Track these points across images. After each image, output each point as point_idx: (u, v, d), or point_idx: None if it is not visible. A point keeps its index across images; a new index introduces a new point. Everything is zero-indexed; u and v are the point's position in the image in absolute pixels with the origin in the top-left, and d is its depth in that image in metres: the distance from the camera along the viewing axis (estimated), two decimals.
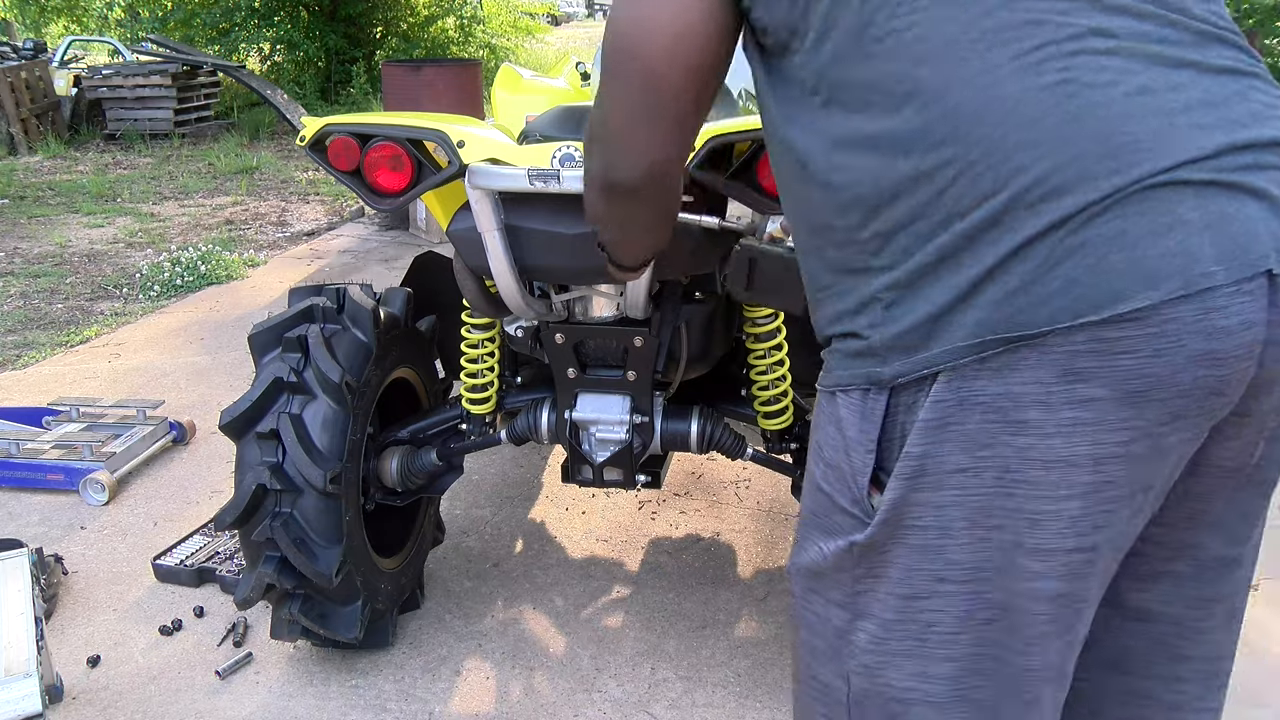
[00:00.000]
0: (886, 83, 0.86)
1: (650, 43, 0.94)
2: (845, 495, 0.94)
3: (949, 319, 0.84)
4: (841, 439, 0.93)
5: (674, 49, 0.94)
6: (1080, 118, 0.80)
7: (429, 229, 6.03)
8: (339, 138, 1.82)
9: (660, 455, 2.24)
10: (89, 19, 14.92)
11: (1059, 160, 0.80)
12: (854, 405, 0.91)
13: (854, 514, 0.93)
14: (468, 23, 13.96)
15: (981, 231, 0.82)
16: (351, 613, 2.07)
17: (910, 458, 0.87)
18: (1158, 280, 0.78)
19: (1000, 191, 0.81)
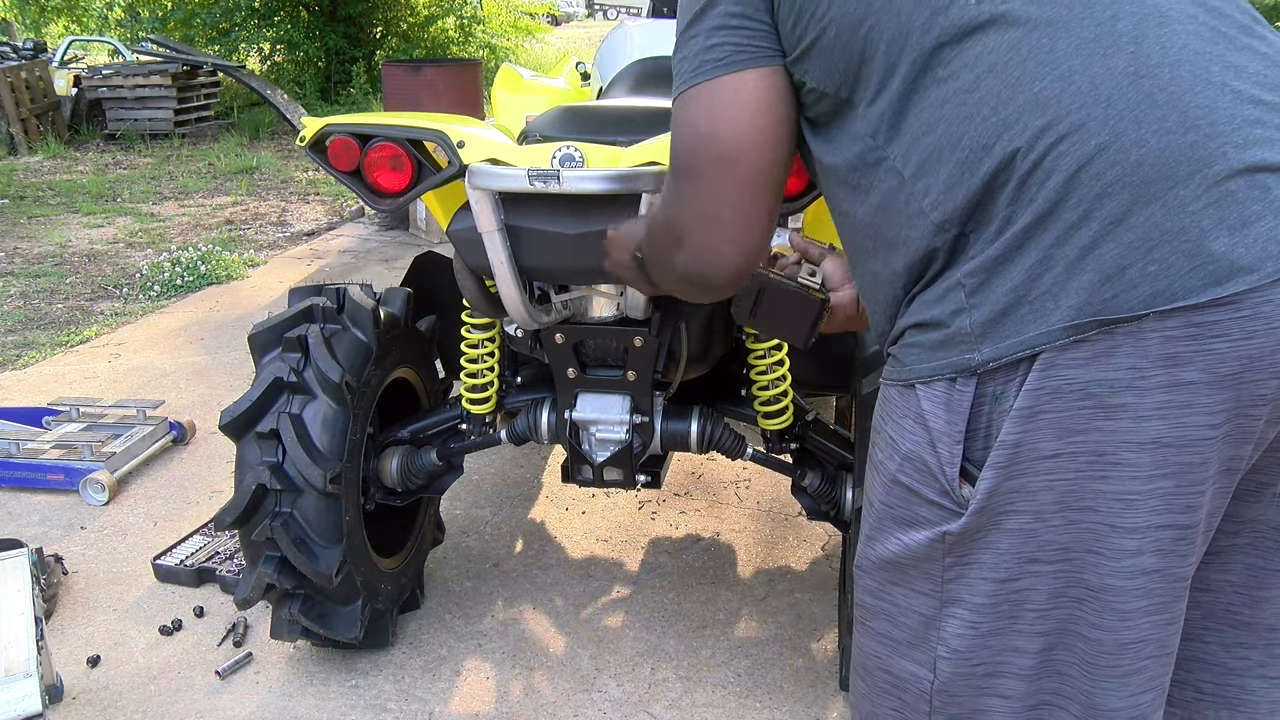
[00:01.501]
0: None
1: (730, 132, 0.97)
2: (931, 487, 0.94)
3: (1042, 302, 0.85)
4: (925, 432, 0.93)
5: (754, 133, 0.97)
6: (1165, 103, 0.83)
7: (429, 229, 6.03)
8: (339, 138, 1.82)
9: (660, 455, 2.24)
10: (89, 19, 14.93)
11: (1154, 145, 0.82)
12: (938, 397, 0.92)
13: (943, 505, 0.94)
14: (468, 23, 13.97)
15: (1075, 214, 0.83)
16: (351, 613, 2.07)
17: (1004, 446, 0.88)
18: (1255, 264, 0.80)
19: (1093, 175, 0.83)
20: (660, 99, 2.29)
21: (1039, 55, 0.86)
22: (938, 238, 0.91)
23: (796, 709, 2.07)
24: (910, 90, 0.91)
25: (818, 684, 2.14)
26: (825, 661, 2.21)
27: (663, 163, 1.67)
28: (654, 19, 3.13)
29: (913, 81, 0.91)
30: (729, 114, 0.97)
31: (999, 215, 0.87)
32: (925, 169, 0.90)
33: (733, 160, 0.97)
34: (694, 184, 0.99)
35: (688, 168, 1.00)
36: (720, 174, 0.98)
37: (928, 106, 0.90)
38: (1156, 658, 0.94)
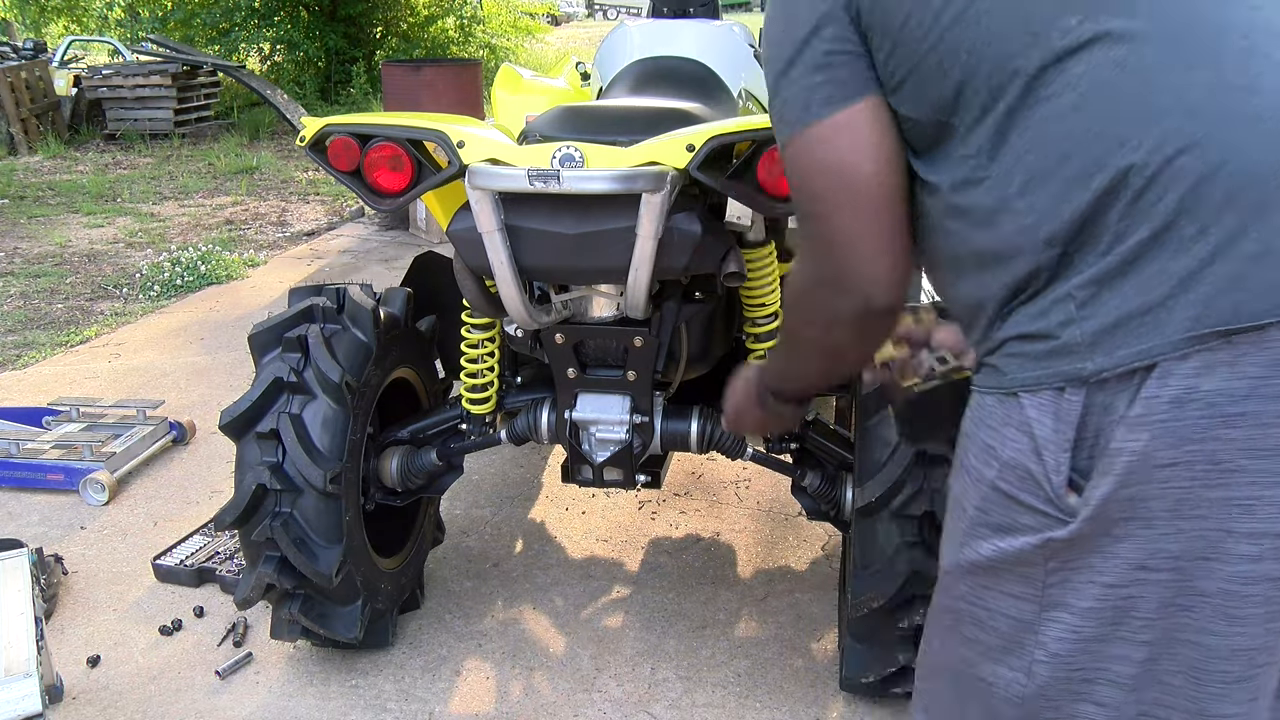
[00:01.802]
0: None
1: (855, 165, 0.99)
2: (1034, 495, 0.94)
3: (1160, 312, 0.86)
4: (1029, 440, 0.93)
5: (878, 160, 0.99)
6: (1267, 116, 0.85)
7: (429, 229, 6.03)
8: (339, 138, 1.82)
9: (660, 455, 2.24)
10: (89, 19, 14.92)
11: (1272, 159, 0.84)
12: (1045, 405, 0.92)
13: (1046, 512, 0.94)
14: (468, 23, 13.97)
15: (1193, 227, 0.84)
16: (351, 613, 2.07)
17: (1117, 454, 0.88)
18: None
19: (1211, 189, 0.84)
20: (660, 99, 2.29)
21: (1147, 71, 0.87)
22: (1044, 253, 0.91)
23: (796, 709, 2.07)
24: (1013, 111, 0.92)
25: (818, 684, 2.14)
26: (825, 661, 2.21)
27: (663, 162, 1.67)
28: (654, 19, 3.13)
29: (1016, 102, 0.92)
30: (851, 148, 0.99)
31: (1111, 229, 0.88)
32: (1030, 187, 0.91)
33: (865, 191, 0.99)
34: (834, 222, 1.01)
35: (823, 211, 1.01)
36: (858, 206, 0.99)
37: (1031, 126, 0.91)
38: (1270, 665, 0.94)
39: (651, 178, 1.63)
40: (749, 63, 2.80)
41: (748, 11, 15.07)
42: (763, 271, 1.95)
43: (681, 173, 1.67)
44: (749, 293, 2.01)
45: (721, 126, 1.70)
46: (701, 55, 2.67)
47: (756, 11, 27.99)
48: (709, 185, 1.70)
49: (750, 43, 2.91)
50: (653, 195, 1.63)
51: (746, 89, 2.72)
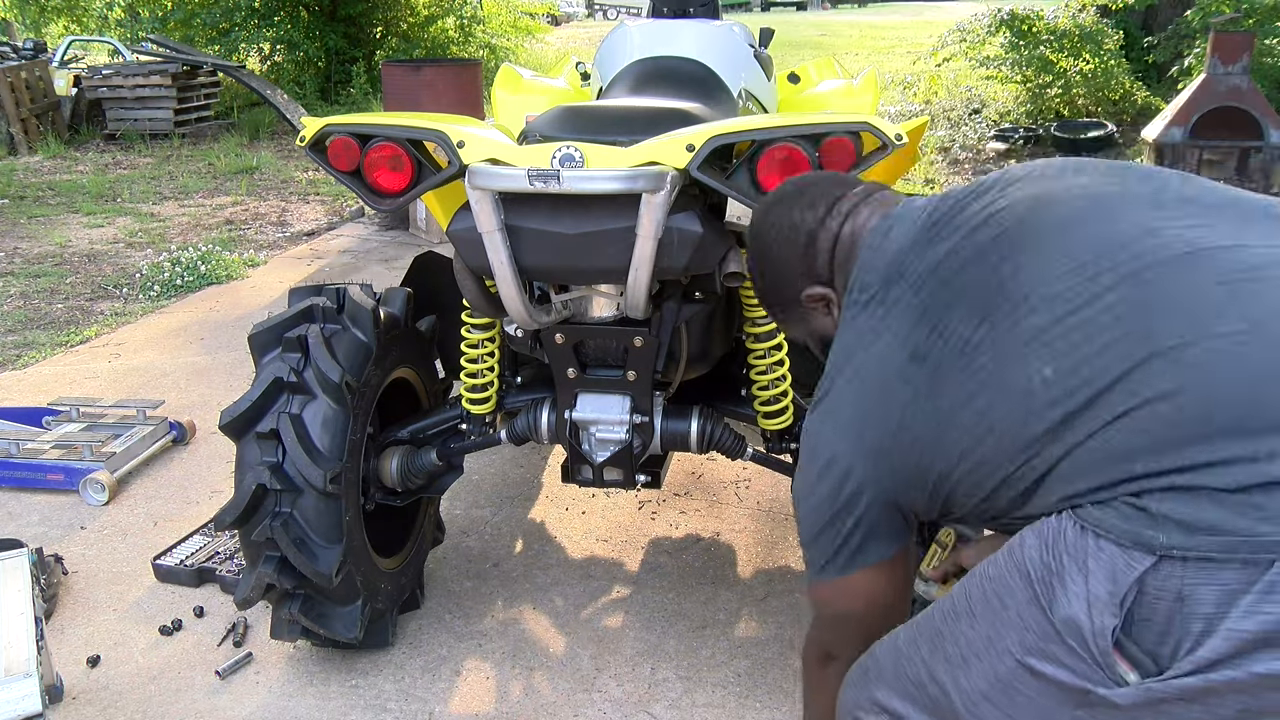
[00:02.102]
0: None
1: (882, 610, 1.25)
2: (1076, 641, 0.94)
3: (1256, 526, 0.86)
4: (1083, 585, 0.93)
5: (901, 602, 1.26)
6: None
7: (429, 229, 6.03)
8: (339, 138, 1.82)
9: (660, 455, 2.23)
10: (89, 19, 14.91)
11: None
12: (1104, 558, 0.92)
13: (1087, 662, 0.93)
14: (468, 23, 13.95)
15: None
16: (351, 613, 2.07)
17: (1208, 663, 0.87)
18: None
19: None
20: (660, 99, 2.28)
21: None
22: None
23: (796, 709, 2.07)
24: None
25: None
26: None
27: (662, 163, 1.67)
28: (654, 19, 3.13)
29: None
30: (866, 603, 1.24)
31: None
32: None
33: (866, 629, 1.26)
34: (841, 637, 1.32)
35: (835, 630, 1.32)
36: (859, 635, 1.27)
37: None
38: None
39: (651, 178, 1.63)
40: (749, 63, 2.80)
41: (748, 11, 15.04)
42: None
43: (681, 173, 1.67)
44: (749, 293, 2.01)
45: (721, 126, 1.70)
46: (701, 55, 2.67)
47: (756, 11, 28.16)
48: (709, 185, 1.70)
49: (750, 43, 2.91)
50: (653, 195, 1.63)
51: (746, 89, 2.72)
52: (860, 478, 1.17)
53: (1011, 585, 1.01)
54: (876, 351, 1.16)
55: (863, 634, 1.25)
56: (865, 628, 1.25)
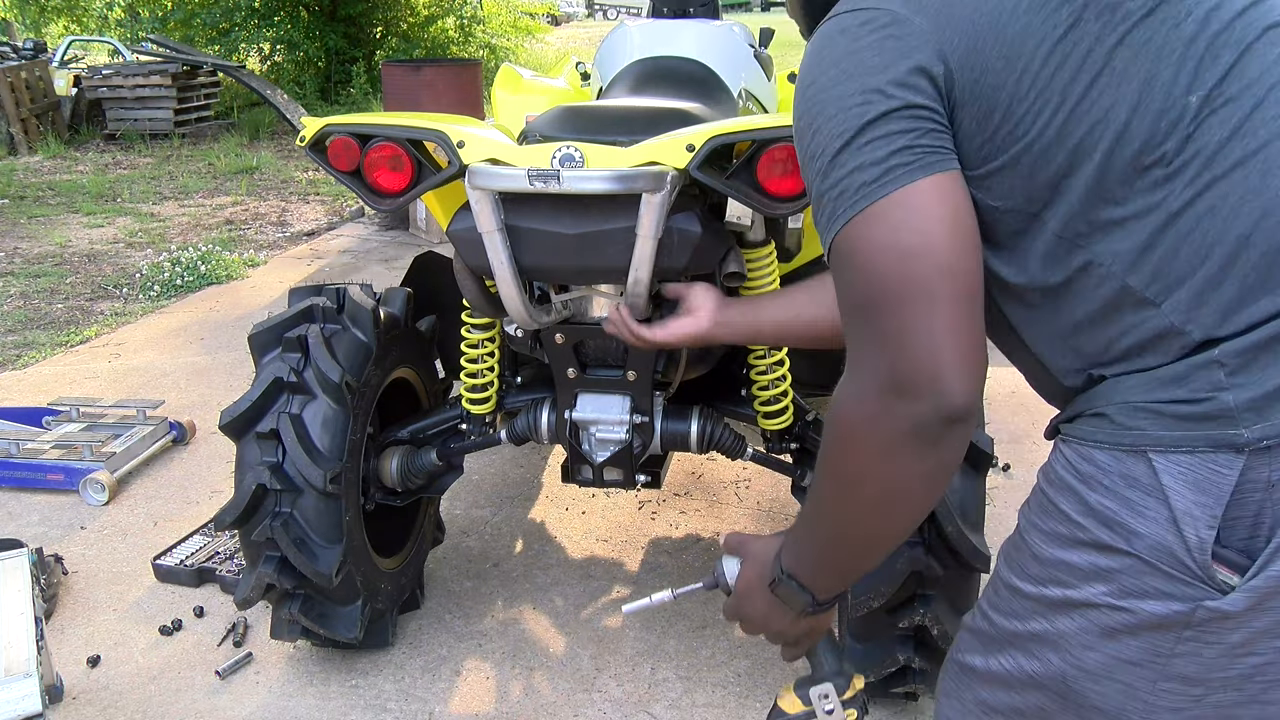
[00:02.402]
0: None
1: (944, 239, 0.84)
2: (1174, 568, 0.85)
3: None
4: (1166, 509, 0.84)
5: (966, 238, 0.86)
6: None
7: (429, 229, 6.03)
8: (339, 138, 1.82)
9: (660, 455, 2.23)
10: (89, 19, 14.92)
11: None
12: (1183, 473, 0.83)
13: (1185, 580, 0.85)
14: (468, 23, 13.97)
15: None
16: (351, 613, 2.07)
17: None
18: None
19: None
20: (660, 99, 2.29)
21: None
22: (1179, 334, 0.85)
23: None
24: (1138, 197, 0.85)
25: None
26: None
27: (663, 162, 1.67)
28: (654, 19, 3.13)
29: (1134, 187, 0.85)
30: (931, 224, 0.84)
31: (1264, 303, 0.82)
32: (1159, 277, 0.85)
33: (949, 272, 0.84)
34: (906, 313, 0.83)
35: (893, 301, 0.84)
36: (937, 292, 0.83)
37: (1155, 216, 0.85)
38: None
39: (651, 178, 1.63)
40: (749, 63, 2.80)
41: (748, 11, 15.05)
42: (763, 271, 1.95)
43: (681, 173, 1.67)
44: (749, 293, 2.01)
45: (721, 126, 1.70)
46: (701, 55, 2.67)
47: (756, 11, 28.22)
48: (709, 185, 1.70)
49: (750, 43, 2.91)
50: (653, 195, 1.63)
51: (746, 89, 2.72)
52: (936, 44, 0.86)
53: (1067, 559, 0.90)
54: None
55: (942, 285, 0.83)
56: (942, 266, 0.83)
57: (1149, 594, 0.86)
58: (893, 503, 0.92)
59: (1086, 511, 0.88)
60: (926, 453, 0.87)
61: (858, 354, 0.88)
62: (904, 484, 0.90)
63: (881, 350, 0.85)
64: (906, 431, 0.86)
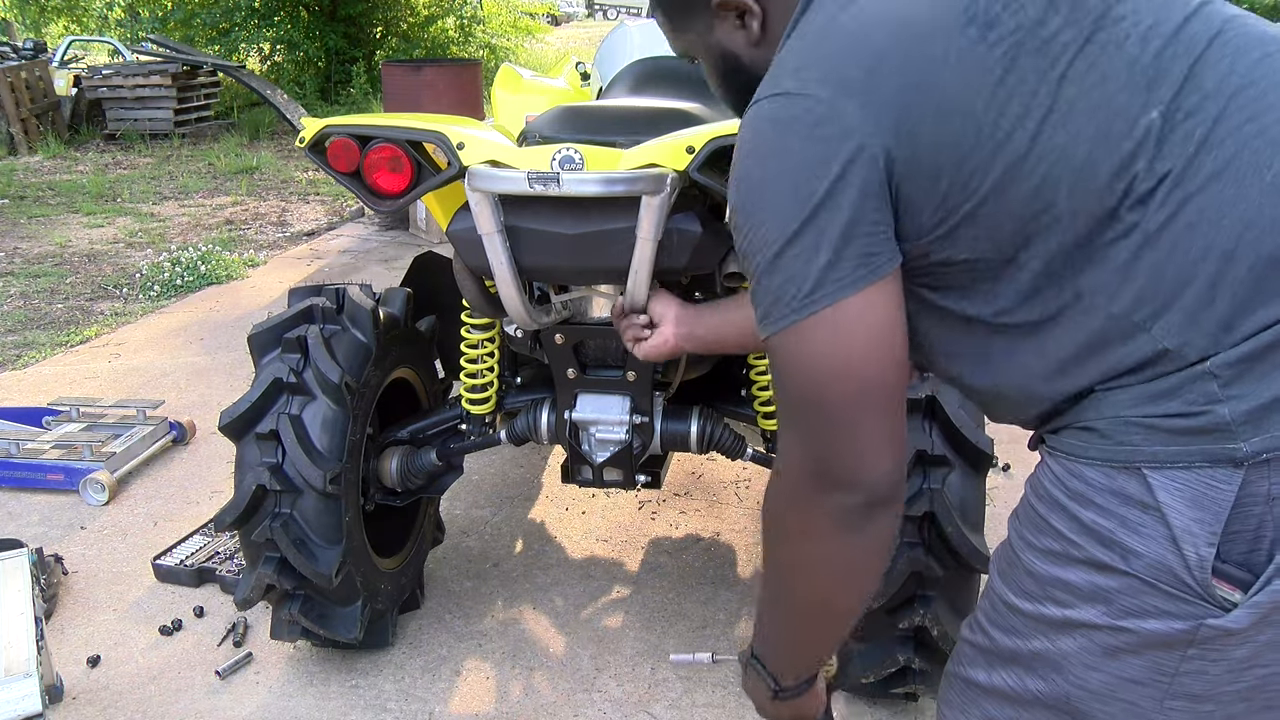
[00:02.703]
0: None
1: (871, 362, 0.86)
2: (1174, 587, 0.84)
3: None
4: (1163, 526, 0.82)
5: (893, 352, 0.87)
6: None
7: (429, 229, 6.03)
8: (338, 139, 1.82)
9: (660, 455, 2.23)
10: (89, 19, 14.93)
11: None
12: (1181, 490, 0.82)
13: (1187, 599, 0.84)
14: (468, 23, 13.97)
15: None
16: (351, 613, 2.07)
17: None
18: None
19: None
20: (660, 99, 2.29)
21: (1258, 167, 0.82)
22: (1173, 354, 0.83)
23: None
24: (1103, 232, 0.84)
25: None
26: None
27: (662, 165, 1.67)
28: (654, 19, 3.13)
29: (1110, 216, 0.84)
30: (873, 336, 0.86)
31: (1259, 315, 0.81)
32: (1146, 302, 0.84)
33: (884, 382, 0.86)
34: (841, 417, 0.87)
35: (829, 406, 0.87)
36: (870, 399, 0.86)
37: (1133, 239, 0.84)
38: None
39: (651, 180, 1.63)
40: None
41: None
42: None
43: (681, 174, 1.67)
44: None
45: (721, 128, 1.70)
46: None
47: None
48: (709, 187, 1.70)
49: None
50: (652, 198, 1.63)
51: None
52: (863, 136, 0.84)
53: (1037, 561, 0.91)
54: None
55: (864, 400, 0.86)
56: (865, 384, 0.86)
57: (1149, 613, 0.85)
58: (831, 585, 0.95)
59: (1081, 530, 0.87)
60: (855, 539, 0.90)
61: (788, 444, 0.91)
62: (838, 567, 0.93)
63: (807, 446, 0.89)
64: (835, 519, 0.89)
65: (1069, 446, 0.88)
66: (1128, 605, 0.86)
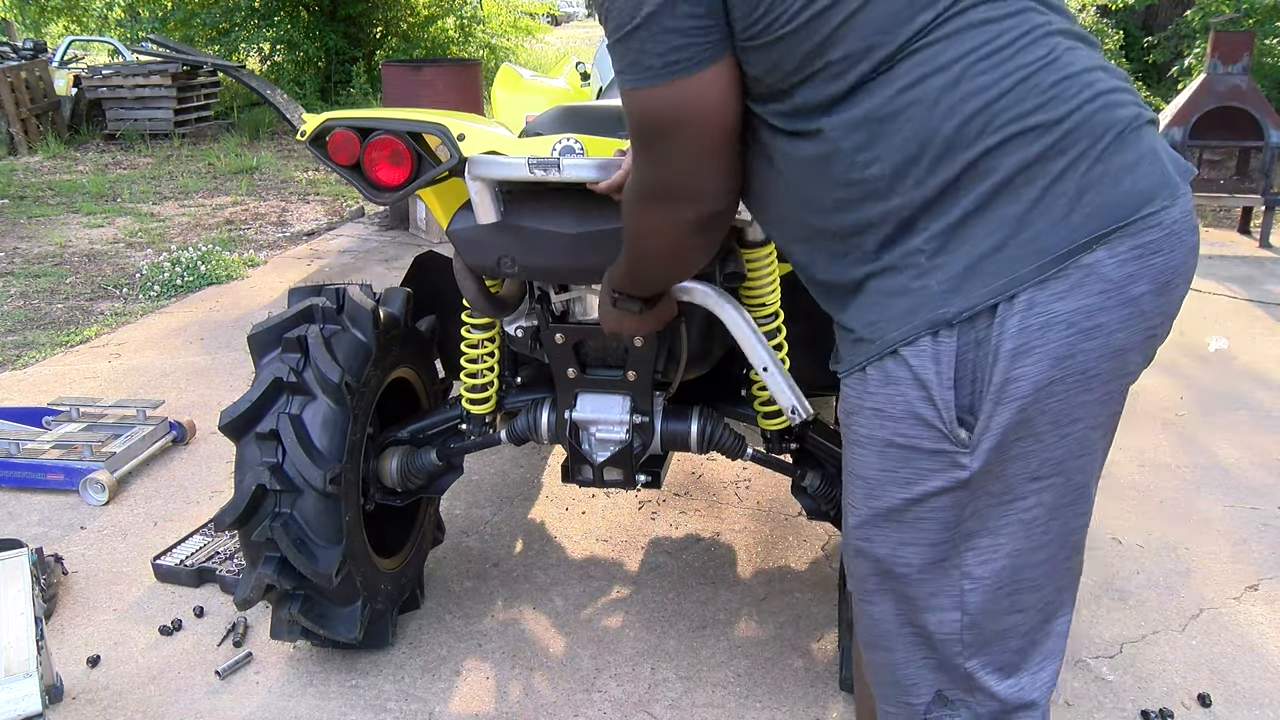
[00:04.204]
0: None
1: (709, 117, 1.08)
2: (931, 437, 1.05)
3: (1002, 253, 0.99)
4: (916, 388, 1.03)
5: (729, 112, 1.08)
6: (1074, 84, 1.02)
7: (429, 229, 6.03)
8: (340, 131, 1.82)
9: (660, 455, 2.23)
10: (89, 19, 14.92)
11: (1072, 112, 1.00)
12: (924, 352, 1.02)
13: (944, 450, 1.05)
14: (468, 23, 13.97)
15: (1018, 175, 0.99)
16: (351, 613, 2.07)
17: (1010, 384, 1.00)
18: (1157, 191, 1.01)
19: (1029, 141, 0.98)
20: None
21: (985, 68, 1.00)
22: (883, 209, 1.03)
23: (796, 709, 2.07)
24: (866, 80, 1.02)
25: (818, 684, 2.14)
26: (825, 661, 2.21)
27: None
28: None
29: (872, 73, 1.01)
30: (708, 107, 1.07)
31: (950, 193, 1.00)
32: (871, 147, 1.02)
33: (716, 142, 1.09)
34: (680, 160, 1.10)
35: (671, 151, 1.10)
36: (705, 152, 1.10)
37: (884, 97, 1.01)
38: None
39: None
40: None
41: None
42: (763, 271, 1.95)
43: None
44: (749, 292, 2.01)
45: None
46: None
47: None
48: None
49: None
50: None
51: None
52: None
53: (857, 459, 1.13)
54: None
55: (706, 145, 1.10)
56: (708, 134, 1.09)
57: (920, 477, 1.08)
58: (672, 257, 1.29)
59: (867, 420, 1.11)
60: (694, 239, 1.21)
61: (641, 166, 1.15)
62: (679, 250, 1.25)
63: (659, 174, 1.13)
64: (677, 225, 1.18)
65: (845, 364, 1.12)
66: (904, 477, 1.08)
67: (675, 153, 1.10)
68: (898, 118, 1.01)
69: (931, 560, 1.10)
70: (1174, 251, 1.02)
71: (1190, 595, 2.44)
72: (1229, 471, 3.08)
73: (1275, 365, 3.95)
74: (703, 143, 1.09)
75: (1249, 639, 2.26)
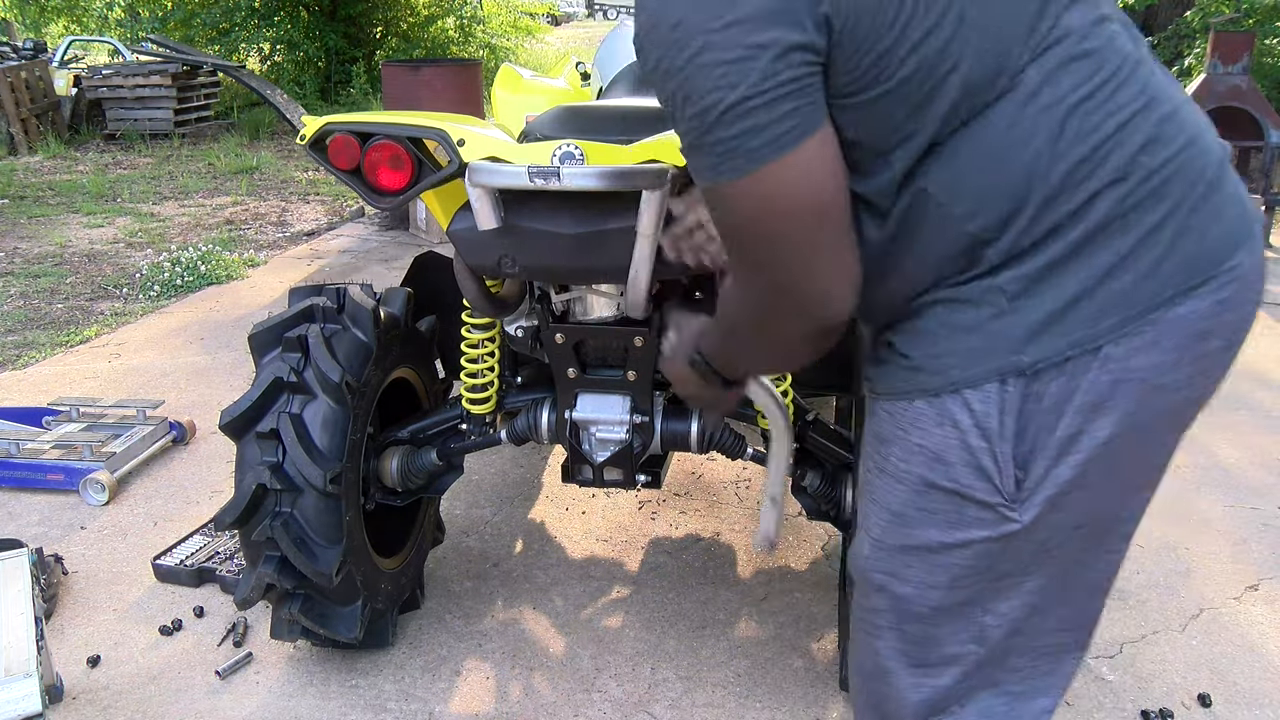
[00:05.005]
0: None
1: (819, 197, 0.92)
2: (985, 490, 1.00)
3: (1087, 304, 0.94)
4: (978, 437, 0.98)
5: (837, 191, 0.94)
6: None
7: (429, 229, 6.03)
8: (339, 136, 1.82)
9: (660, 455, 2.23)
10: (89, 19, 14.93)
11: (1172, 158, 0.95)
12: (989, 399, 0.97)
13: (994, 504, 1.00)
14: (468, 23, 13.97)
15: (1114, 222, 0.94)
16: (351, 613, 2.07)
17: (1070, 440, 0.97)
18: (1241, 241, 0.98)
19: (1130, 188, 0.94)
20: None
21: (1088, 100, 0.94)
22: (974, 252, 0.97)
23: (796, 709, 2.07)
24: (962, 128, 0.94)
25: (818, 684, 2.14)
26: (825, 661, 2.21)
27: (663, 160, 1.67)
28: None
29: (967, 120, 0.94)
30: (819, 182, 0.91)
31: (1046, 237, 0.95)
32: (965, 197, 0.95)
33: (833, 223, 0.93)
34: (798, 257, 0.94)
35: (786, 249, 0.93)
36: (823, 240, 0.93)
37: (977, 143, 0.94)
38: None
39: (652, 175, 1.62)
40: None
41: None
42: None
43: (682, 170, 1.67)
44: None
45: None
46: None
47: None
48: None
49: None
50: (653, 192, 1.63)
51: None
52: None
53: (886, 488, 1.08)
54: None
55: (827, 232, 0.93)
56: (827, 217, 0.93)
57: (965, 523, 1.04)
58: (781, 359, 1.21)
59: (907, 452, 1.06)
60: (811, 345, 1.04)
61: (749, 278, 1.00)
62: (790, 354, 1.09)
63: (775, 277, 0.96)
64: (793, 335, 1.02)
65: (891, 389, 1.06)
66: (951, 519, 1.03)
67: (793, 253, 0.93)
68: (1002, 167, 0.93)
69: (956, 601, 1.07)
70: (1245, 306, 0.99)
71: (1190, 595, 2.44)
72: (1229, 471, 3.08)
73: (1275, 365, 3.95)
74: (823, 234, 0.92)
75: (1249, 639, 2.27)
